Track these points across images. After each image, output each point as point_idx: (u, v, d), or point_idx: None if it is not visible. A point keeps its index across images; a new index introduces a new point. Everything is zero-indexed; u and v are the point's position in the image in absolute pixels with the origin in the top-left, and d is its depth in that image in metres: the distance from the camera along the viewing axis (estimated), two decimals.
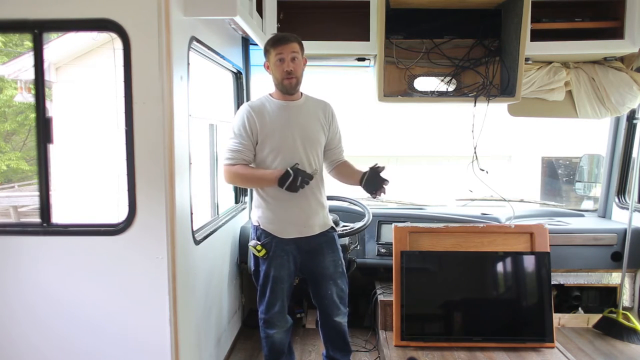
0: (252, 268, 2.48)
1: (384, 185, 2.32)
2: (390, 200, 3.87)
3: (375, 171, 2.34)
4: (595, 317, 3.19)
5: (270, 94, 2.42)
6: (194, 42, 2.18)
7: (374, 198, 2.37)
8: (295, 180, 2.21)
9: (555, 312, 2.85)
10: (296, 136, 2.34)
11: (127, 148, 1.93)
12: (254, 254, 2.40)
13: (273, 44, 2.31)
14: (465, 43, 3.05)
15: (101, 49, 6.63)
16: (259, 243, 2.36)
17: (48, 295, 2.01)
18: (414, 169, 9.14)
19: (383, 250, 3.24)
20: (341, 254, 2.51)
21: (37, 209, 2.10)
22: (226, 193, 3.34)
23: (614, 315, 3.10)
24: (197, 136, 3.07)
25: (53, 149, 2.01)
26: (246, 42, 3.16)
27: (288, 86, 2.33)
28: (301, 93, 2.43)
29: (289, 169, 2.24)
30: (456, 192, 3.95)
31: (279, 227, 2.36)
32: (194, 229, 2.26)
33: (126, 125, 1.92)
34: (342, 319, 2.53)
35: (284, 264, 2.37)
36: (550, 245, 2.81)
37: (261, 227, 2.38)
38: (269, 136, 2.32)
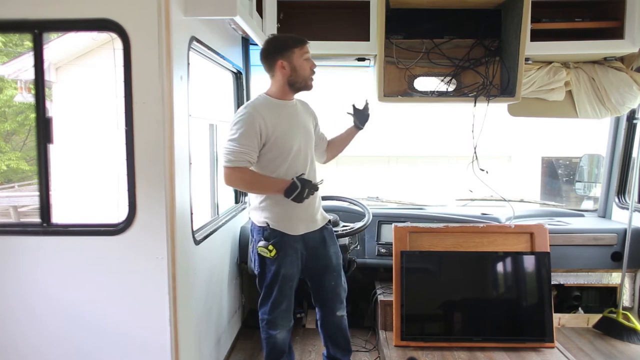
0: (258, 270, 2.39)
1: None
2: (390, 200, 3.88)
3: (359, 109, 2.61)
4: (595, 317, 3.18)
5: (267, 94, 2.36)
6: (194, 42, 2.18)
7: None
8: (302, 191, 2.24)
9: (555, 312, 2.85)
10: (300, 137, 2.35)
11: (127, 148, 1.93)
12: (260, 255, 2.34)
13: (300, 43, 2.29)
14: (465, 43, 3.05)
15: (101, 49, 6.63)
16: (270, 243, 2.30)
17: (48, 295, 2.01)
18: (413, 169, 9.14)
19: (383, 250, 3.24)
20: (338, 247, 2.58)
21: (37, 209, 2.10)
22: (226, 193, 3.34)
23: (614, 315, 3.10)
24: (197, 136, 3.08)
25: (53, 149, 2.01)
26: (246, 42, 3.16)
27: (311, 86, 2.34)
28: None
29: (295, 180, 2.25)
30: (456, 192, 3.95)
31: (290, 225, 2.35)
32: (194, 229, 2.26)
33: (126, 125, 1.92)
34: (344, 313, 2.56)
35: (293, 261, 2.36)
36: (550, 245, 2.81)
37: (270, 226, 2.33)
38: (279, 139, 2.28)
